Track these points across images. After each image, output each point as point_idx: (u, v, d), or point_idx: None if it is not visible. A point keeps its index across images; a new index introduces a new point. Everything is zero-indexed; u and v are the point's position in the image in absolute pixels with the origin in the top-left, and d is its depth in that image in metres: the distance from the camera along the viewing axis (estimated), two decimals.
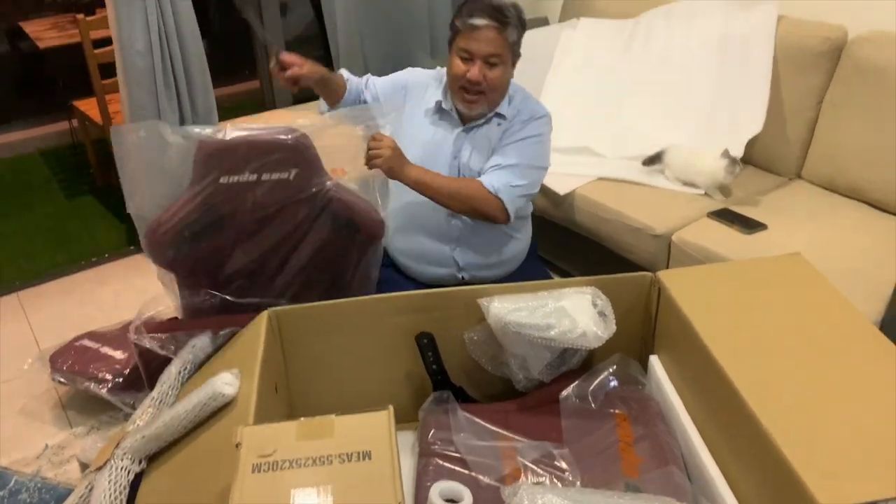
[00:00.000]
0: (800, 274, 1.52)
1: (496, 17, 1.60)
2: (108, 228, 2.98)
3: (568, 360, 1.59)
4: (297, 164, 1.54)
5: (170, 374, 1.54)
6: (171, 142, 1.56)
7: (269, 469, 1.02)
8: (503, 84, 1.66)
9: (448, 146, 1.74)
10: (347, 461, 1.02)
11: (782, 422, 1.14)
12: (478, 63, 1.61)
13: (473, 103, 1.65)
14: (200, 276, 1.71)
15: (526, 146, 1.68)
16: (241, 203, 1.58)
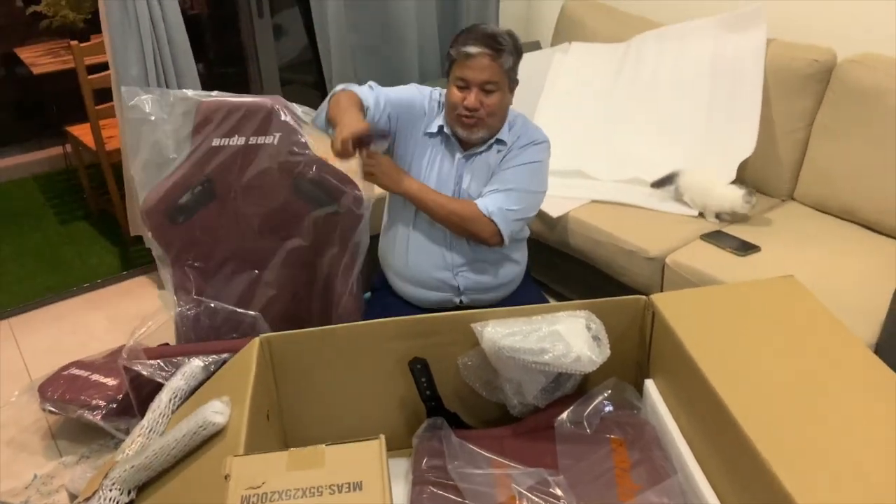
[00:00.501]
0: (793, 296, 1.52)
1: (490, 44, 1.62)
2: (101, 254, 2.97)
3: (563, 384, 1.58)
4: (281, 130, 1.84)
5: (160, 402, 1.52)
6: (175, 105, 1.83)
7: (258, 501, 1.01)
8: (501, 110, 1.68)
9: (451, 172, 1.75)
10: (338, 492, 1.01)
11: (779, 447, 1.13)
12: (474, 90, 1.63)
13: (472, 127, 1.67)
14: (193, 257, 1.91)
15: (523, 171, 1.70)
16: (229, 166, 1.85)
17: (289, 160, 1.85)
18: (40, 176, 3.80)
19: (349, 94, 1.69)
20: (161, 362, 1.62)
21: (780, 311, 1.48)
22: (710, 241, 2.02)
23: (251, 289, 1.95)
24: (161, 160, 1.84)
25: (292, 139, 1.85)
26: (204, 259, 1.93)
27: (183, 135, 1.83)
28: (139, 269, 2.80)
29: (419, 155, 1.75)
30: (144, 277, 2.75)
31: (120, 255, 2.93)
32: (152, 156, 1.84)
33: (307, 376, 1.54)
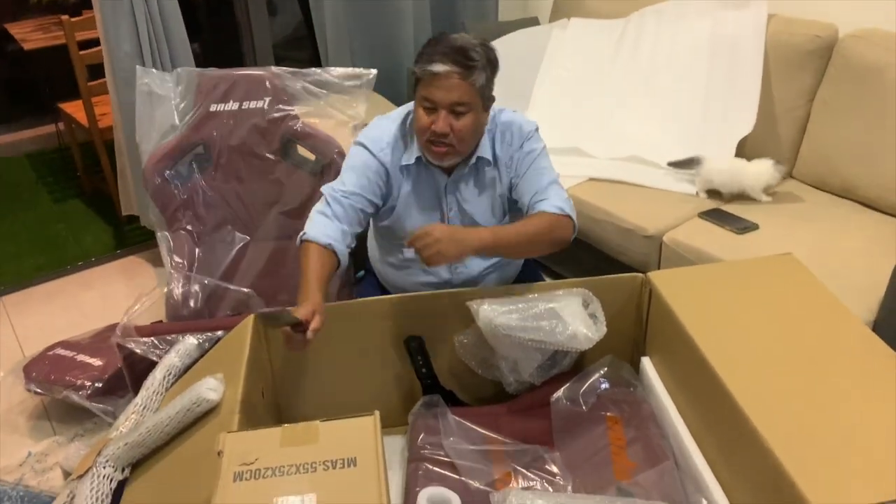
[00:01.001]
0: (791, 274, 1.52)
1: (459, 61, 1.42)
2: (94, 233, 2.95)
3: (559, 362, 1.58)
4: (272, 95, 2.00)
5: (154, 379, 1.52)
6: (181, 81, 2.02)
7: (250, 477, 1.00)
8: (474, 133, 1.50)
9: (440, 199, 1.61)
10: (332, 468, 1.00)
11: (776, 424, 1.13)
12: (442, 113, 1.44)
13: (443, 155, 1.50)
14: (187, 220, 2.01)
15: (542, 162, 1.57)
16: (222, 128, 2.00)
17: (276, 116, 2.00)
18: (33, 154, 3.76)
19: (315, 252, 1.44)
20: (155, 340, 1.61)
21: (778, 289, 1.47)
22: (708, 220, 2.01)
23: (242, 254, 2.02)
24: (165, 130, 2.02)
25: (281, 99, 2.01)
26: (198, 223, 2.04)
27: (187, 108, 2.02)
28: (133, 248, 2.78)
29: (403, 187, 1.59)
30: (138, 256, 2.73)
31: (114, 234, 2.90)
32: (158, 127, 2.03)
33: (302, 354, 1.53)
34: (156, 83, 2.04)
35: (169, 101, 2.03)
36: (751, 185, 2.07)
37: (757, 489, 1.15)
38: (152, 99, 2.04)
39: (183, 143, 2.02)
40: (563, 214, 1.50)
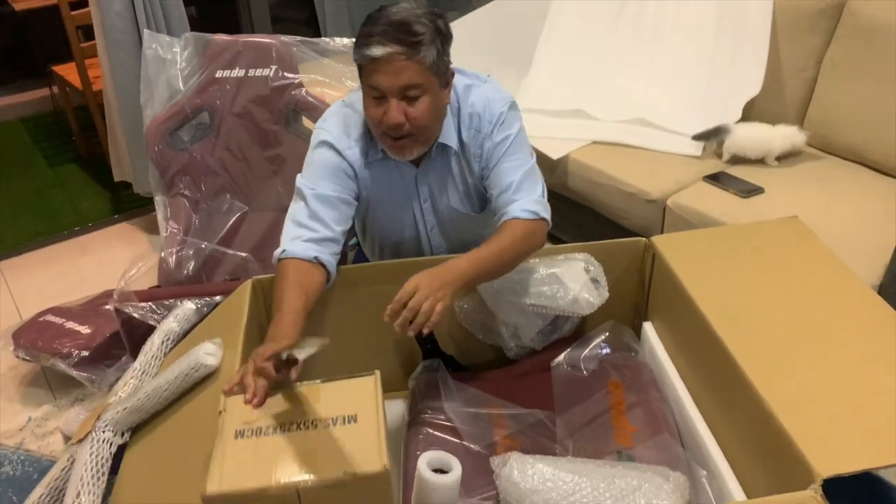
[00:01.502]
0: (796, 237, 1.50)
1: (401, 39, 1.23)
2: (91, 198, 2.92)
3: (560, 327, 1.57)
4: (278, 63, 1.98)
5: (153, 344, 1.51)
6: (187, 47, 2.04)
7: (252, 435, 1.00)
8: (434, 117, 1.33)
9: (412, 193, 1.49)
10: (332, 425, 1.00)
11: (778, 388, 1.12)
12: (392, 102, 1.27)
13: (403, 148, 1.35)
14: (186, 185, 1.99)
15: (515, 150, 1.41)
16: (225, 95, 1.99)
17: (280, 84, 1.97)
18: (27, 118, 3.71)
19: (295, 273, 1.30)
20: (153, 305, 1.60)
21: (783, 253, 1.46)
22: (712, 183, 1.98)
23: (240, 223, 2.01)
24: (169, 94, 2.02)
25: (286, 67, 1.98)
26: (196, 189, 2.02)
27: (192, 73, 2.02)
28: (130, 214, 2.76)
29: (373, 183, 1.46)
30: (136, 222, 2.71)
31: (111, 199, 2.88)
32: (162, 92, 2.02)
33: None
34: (163, 47, 2.03)
35: (175, 66, 2.02)
36: (778, 149, 2.04)
37: (758, 452, 1.14)
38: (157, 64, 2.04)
39: (186, 108, 2.00)
40: (536, 219, 1.37)
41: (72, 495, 1.22)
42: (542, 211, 1.38)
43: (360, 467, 0.94)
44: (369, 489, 0.95)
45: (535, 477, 0.99)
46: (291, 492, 0.92)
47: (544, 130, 2.21)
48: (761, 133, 2.07)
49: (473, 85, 1.44)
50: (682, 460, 1.28)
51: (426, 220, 1.54)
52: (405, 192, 1.49)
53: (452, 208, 1.52)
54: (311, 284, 1.30)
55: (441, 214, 1.54)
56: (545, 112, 2.31)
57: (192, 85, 1.99)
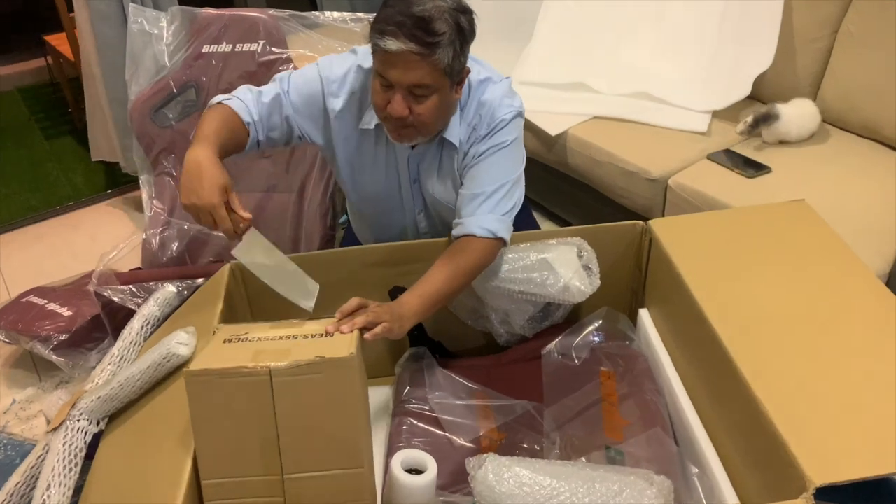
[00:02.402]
0: (803, 222, 1.42)
1: (418, 37, 1.15)
2: (85, 172, 2.88)
3: (552, 313, 1.52)
4: (266, 38, 1.90)
5: (132, 330, 1.47)
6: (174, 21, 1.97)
7: (238, 341, 1.12)
8: (439, 116, 1.28)
9: (403, 171, 1.43)
10: (311, 338, 1.11)
11: (773, 386, 1.06)
12: (398, 94, 1.21)
13: (401, 136, 1.30)
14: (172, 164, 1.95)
15: (499, 160, 1.34)
16: (212, 70, 1.92)
17: (267, 59, 1.89)
18: (26, 89, 3.67)
19: (222, 110, 1.29)
20: (133, 288, 1.56)
21: (787, 239, 1.39)
22: (717, 161, 1.90)
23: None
24: (155, 70, 1.96)
25: (275, 42, 1.91)
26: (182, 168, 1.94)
27: (178, 48, 1.96)
28: (124, 188, 2.72)
29: (357, 151, 1.41)
30: (129, 197, 2.67)
31: (105, 172, 2.84)
32: (148, 67, 1.97)
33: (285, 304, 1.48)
34: (149, 22, 1.96)
35: (161, 41, 1.96)
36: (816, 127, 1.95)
37: (750, 453, 1.09)
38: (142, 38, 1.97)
39: (171, 85, 1.94)
40: (492, 238, 1.31)
41: (42, 488, 1.19)
42: (501, 231, 1.33)
43: (328, 354, 1.03)
44: (336, 375, 1.03)
45: (511, 480, 0.95)
46: (264, 372, 1.01)
47: (543, 104, 2.13)
48: (804, 110, 1.95)
49: (488, 81, 1.37)
50: (673, 457, 1.23)
51: (415, 202, 1.49)
52: (392, 170, 1.44)
53: (437, 199, 1.46)
54: (236, 134, 1.29)
55: (428, 200, 1.49)
56: (544, 85, 2.23)
57: (179, 60, 1.93)
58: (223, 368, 1.03)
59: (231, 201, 1.16)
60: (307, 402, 1.03)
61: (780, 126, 1.93)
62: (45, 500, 1.17)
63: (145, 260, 1.81)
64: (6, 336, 1.77)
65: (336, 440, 1.05)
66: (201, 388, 1.04)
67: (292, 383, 1.02)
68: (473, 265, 1.31)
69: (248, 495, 1.07)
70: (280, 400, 1.03)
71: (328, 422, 1.04)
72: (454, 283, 1.29)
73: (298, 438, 1.04)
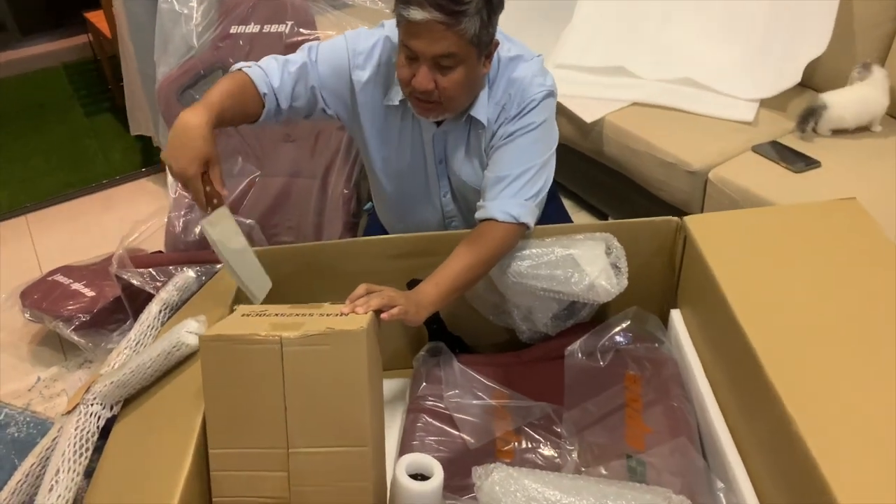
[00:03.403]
0: (852, 223, 1.32)
1: (442, 6, 1.12)
2: (123, 150, 2.92)
3: (577, 312, 1.46)
4: (295, 18, 1.85)
5: (149, 314, 1.47)
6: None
7: (256, 316, 1.14)
8: (466, 90, 1.25)
9: (428, 150, 1.39)
10: (328, 316, 1.11)
11: (810, 406, 0.99)
12: (423, 68, 1.19)
13: (427, 111, 1.27)
14: None
15: (527, 143, 1.30)
16: (239, 53, 1.87)
17: (295, 41, 1.83)
18: (70, 65, 3.72)
19: (238, 77, 1.26)
20: (153, 271, 1.56)
21: (834, 241, 1.29)
22: (762, 154, 1.79)
23: (250, 187, 1.93)
24: (183, 51, 1.94)
25: (304, 23, 1.86)
26: None
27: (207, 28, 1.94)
28: (156, 167, 2.74)
29: (383, 128, 1.38)
30: (160, 176, 2.69)
31: (141, 150, 2.87)
32: (176, 47, 1.95)
33: (301, 294, 1.45)
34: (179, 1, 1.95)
35: (190, 21, 1.94)
36: (881, 109, 1.82)
37: (780, 472, 1.02)
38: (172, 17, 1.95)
39: (199, 65, 1.92)
40: (514, 224, 1.28)
41: (51, 472, 1.20)
42: (523, 216, 1.28)
43: (339, 327, 1.03)
44: (345, 349, 1.03)
45: (519, 493, 0.90)
46: (275, 340, 1.02)
47: (579, 89, 2.05)
48: (859, 96, 1.82)
49: (519, 58, 1.32)
50: (699, 470, 1.17)
51: (440, 184, 1.45)
52: (417, 149, 1.41)
53: (463, 181, 1.42)
54: (247, 103, 1.27)
55: (453, 183, 1.44)
56: (582, 69, 2.14)
57: (207, 41, 1.91)
58: (236, 335, 1.04)
59: (212, 174, 1.14)
60: (315, 375, 1.03)
61: (830, 116, 1.81)
62: (52, 485, 1.17)
63: (168, 242, 1.81)
64: (31, 315, 1.80)
65: (342, 416, 1.04)
66: (214, 353, 1.05)
67: (302, 353, 1.03)
68: (493, 251, 1.29)
69: (254, 468, 1.07)
70: (289, 370, 1.03)
71: (335, 396, 1.04)
72: (473, 271, 1.26)
73: (305, 411, 1.04)
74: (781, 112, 1.92)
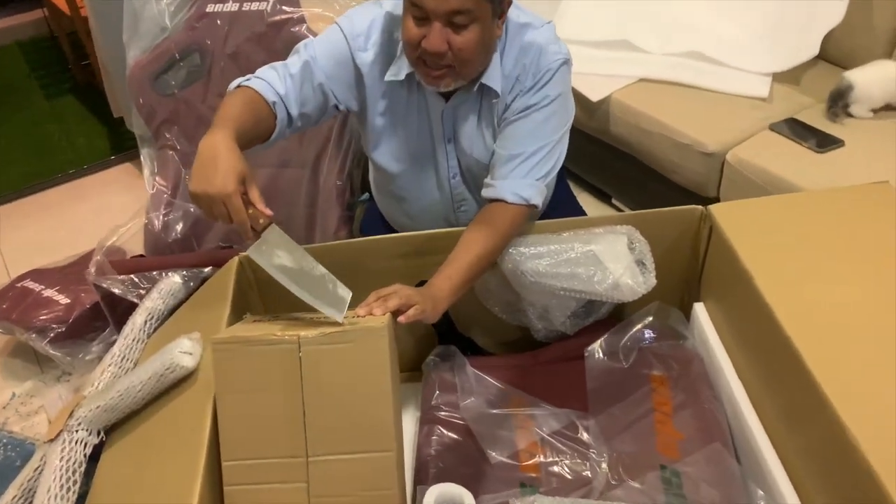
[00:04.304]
0: (886, 209, 1.27)
1: None
2: (88, 134, 2.76)
3: (595, 309, 1.39)
4: None
5: (134, 325, 1.37)
6: None
7: (267, 321, 1.11)
8: (481, 51, 1.16)
9: (437, 128, 1.31)
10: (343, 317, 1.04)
11: (852, 394, 0.94)
12: (436, 26, 1.10)
13: (438, 79, 1.18)
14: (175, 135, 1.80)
15: (546, 115, 1.23)
16: (218, 32, 1.73)
17: (277, 19, 1.71)
18: (24, 43, 3.53)
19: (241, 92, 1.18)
20: (135, 278, 1.45)
21: (868, 228, 1.24)
22: (780, 133, 1.72)
23: None
24: (154, 32, 1.82)
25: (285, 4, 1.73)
26: (186, 141, 1.84)
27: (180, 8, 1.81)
28: (130, 153, 2.60)
29: (388, 107, 1.30)
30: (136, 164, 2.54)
31: (108, 135, 2.72)
32: (148, 28, 1.82)
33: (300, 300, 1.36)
34: None
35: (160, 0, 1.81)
36: None
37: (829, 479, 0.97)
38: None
39: (173, 48, 1.78)
40: (524, 206, 1.23)
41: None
42: (533, 197, 1.24)
43: (360, 324, 1.00)
44: (368, 346, 0.98)
45: None
46: (293, 340, 0.98)
47: (583, 65, 1.93)
48: (886, 71, 1.75)
49: (530, 25, 1.25)
50: (735, 478, 1.12)
51: (449, 165, 1.36)
52: (425, 129, 1.32)
53: (475, 159, 1.33)
54: (261, 116, 1.18)
55: (464, 163, 1.36)
56: (584, 43, 2.04)
57: (181, 21, 1.77)
58: (250, 336, 1.00)
59: (250, 193, 1.01)
60: (336, 375, 0.99)
61: (859, 96, 1.74)
62: None
63: (148, 243, 1.69)
64: (1, 327, 1.67)
65: (365, 419, 0.99)
66: (227, 356, 1.00)
67: (321, 353, 0.98)
68: (504, 236, 1.25)
69: (271, 480, 1.02)
70: (308, 372, 0.99)
71: (357, 398, 0.99)
72: (485, 259, 1.22)
73: (325, 415, 1.00)
74: (796, 86, 1.86)
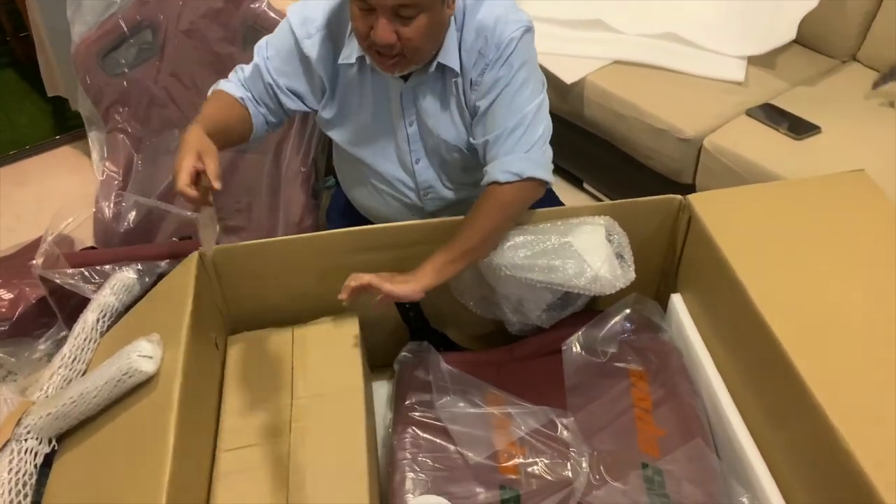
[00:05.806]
0: (862, 197, 1.28)
1: None
2: (30, 113, 2.63)
3: (572, 301, 1.37)
4: None
5: (85, 324, 1.31)
6: None
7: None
8: (431, 38, 1.14)
9: (395, 111, 1.28)
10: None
11: (833, 382, 0.95)
12: (381, 20, 1.08)
13: (392, 67, 1.16)
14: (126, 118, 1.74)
15: (517, 87, 1.20)
16: (170, 9, 1.66)
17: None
18: None
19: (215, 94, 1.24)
20: (86, 271, 1.38)
21: (845, 216, 1.25)
22: (756, 118, 1.72)
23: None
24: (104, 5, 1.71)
25: None
26: (138, 124, 1.77)
27: None
28: (75, 134, 2.48)
29: (341, 91, 1.27)
30: (81, 145, 2.43)
31: (52, 113, 2.59)
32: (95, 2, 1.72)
33: (266, 295, 1.33)
34: None
35: None
36: None
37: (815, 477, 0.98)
38: None
39: (122, 24, 1.70)
40: (520, 181, 1.19)
41: None
42: (527, 170, 1.19)
43: None
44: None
45: None
46: None
47: (554, 46, 1.92)
48: None
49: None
50: (717, 475, 1.12)
51: (412, 150, 1.32)
52: (386, 109, 1.28)
53: (442, 139, 1.30)
54: (234, 113, 1.23)
55: (429, 145, 1.32)
56: (554, 21, 2.00)
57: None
58: None
59: (206, 165, 1.02)
60: None
61: None
62: None
63: (98, 233, 1.61)
64: None
65: None
66: None
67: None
68: (501, 219, 1.22)
69: None
70: None
71: None
72: (474, 237, 1.20)
73: None
74: (772, 70, 1.86)
